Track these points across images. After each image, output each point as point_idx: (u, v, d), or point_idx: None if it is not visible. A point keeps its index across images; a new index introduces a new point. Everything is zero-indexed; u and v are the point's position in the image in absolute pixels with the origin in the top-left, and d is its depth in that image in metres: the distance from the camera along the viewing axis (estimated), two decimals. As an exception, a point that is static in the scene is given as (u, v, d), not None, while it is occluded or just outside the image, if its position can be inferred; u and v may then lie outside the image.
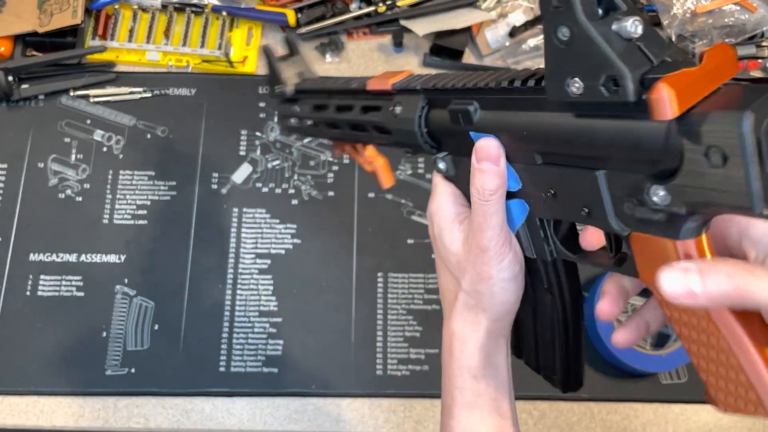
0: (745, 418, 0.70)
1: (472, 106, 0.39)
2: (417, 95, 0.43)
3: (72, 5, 0.81)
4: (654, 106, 0.27)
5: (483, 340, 0.41)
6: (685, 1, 0.84)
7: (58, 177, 0.79)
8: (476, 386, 0.41)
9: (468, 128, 0.39)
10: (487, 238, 0.39)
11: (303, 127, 0.58)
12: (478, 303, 0.41)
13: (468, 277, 0.41)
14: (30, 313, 0.73)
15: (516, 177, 0.39)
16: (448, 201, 0.42)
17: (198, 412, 0.70)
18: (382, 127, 0.46)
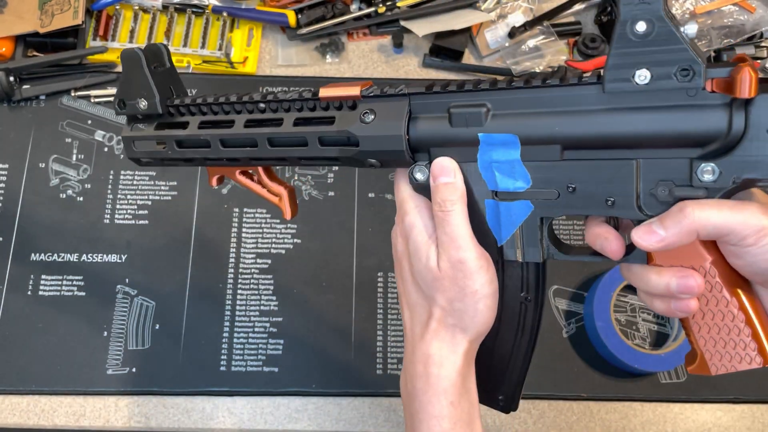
0: (743, 417, 0.71)
1: (484, 108, 0.39)
2: (401, 100, 0.42)
3: (73, 6, 0.82)
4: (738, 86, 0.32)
5: (460, 362, 0.41)
6: (685, 2, 0.84)
7: (59, 177, 0.79)
8: (453, 413, 0.40)
9: (476, 130, 0.39)
10: (461, 248, 0.39)
11: (168, 153, 0.50)
12: (458, 322, 0.40)
13: (447, 294, 0.40)
14: (31, 313, 0.73)
15: (527, 176, 0.39)
16: (423, 216, 0.42)
17: (199, 411, 0.70)
18: (345, 138, 0.43)
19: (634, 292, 0.75)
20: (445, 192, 0.40)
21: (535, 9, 0.89)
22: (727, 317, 0.38)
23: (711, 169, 0.34)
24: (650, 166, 0.36)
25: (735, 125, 0.33)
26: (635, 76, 0.35)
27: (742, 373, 0.71)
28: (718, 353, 0.38)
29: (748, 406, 0.71)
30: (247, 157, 0.47)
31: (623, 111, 0.36)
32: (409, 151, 0.42)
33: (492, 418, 0.70)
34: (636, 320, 0.74)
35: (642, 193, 0.37)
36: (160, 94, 0.49)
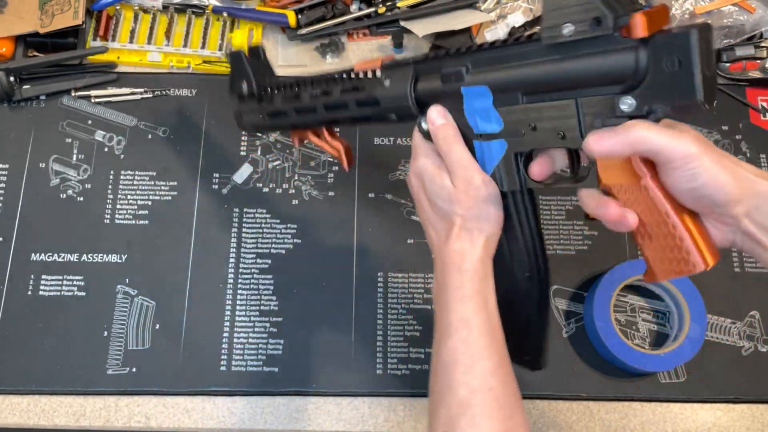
0: (743, 417, 0.71)
1: (464, 68, 0.50)
2: (407, 67, 0.54)
3: (73, 6, 0.82)
4: (633, 29, 0.40)
5: (480, 252, 0.49)
6: (684, 2, 0.84)
7: (59, 177, 0.79)
8: (472, 285, 0.49)
9: (459, 85, 0.50)
10: (468, 168, 0.50)
11: (264, 122, 0.66)
12: (476, 224, 0.50)
13: (464, 204, 0.50)
14: (31, 313, 0.73)
15: (499, 120, 0.49)
16: (430, 155, 0.53)
17: (199, 411, 0.70)
18: (372, 99, 0.55)
19: (634, 292, 0.75)
20: (443, 130, 0.51)
21: (535, 9, 0.89)
22: (668, 227, 0.44)
23: (628, 102, 0.42)
24: (586, 103, 0.44)
25: (641, 62, 0.41)
26: (562, 29, 0.43)
27: (742, 373, 0.71)
28: (664, 260, 0.45)
29: (747, 406, 0.71)
30: (311, 120, 0.62)
31: (558, 60, 0.45)
32: (415, 105, 0.53)
33: (492, 418, 0.70)
34: (636, 320, 0.74)
35: (583, 125, 0.45)
36: (256, 80, 0.65)
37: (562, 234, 0.77)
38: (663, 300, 0.74)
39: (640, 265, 0.73)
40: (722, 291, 0.75)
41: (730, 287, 0.76)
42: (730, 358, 0.73)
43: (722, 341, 0.73)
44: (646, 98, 0.41)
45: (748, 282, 0.76)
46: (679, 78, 0.40)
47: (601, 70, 0.43)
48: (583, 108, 0.45)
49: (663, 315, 0.74)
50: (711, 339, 0.73)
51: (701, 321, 0.70)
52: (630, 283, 0.73)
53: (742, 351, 0.73)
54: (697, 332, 0.70)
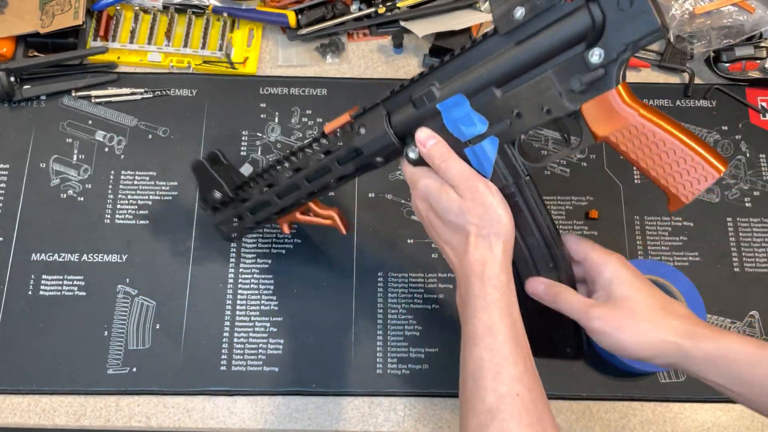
0: (742, 417, 0.71)
1: (433, 86, 0.51)
2: (376, 108, 0.55)
3: (73, 6, 0.82)
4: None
5: (500, 257, 0.50)
6: (684, 2, 0.84)
7: (59, 177, 0.79)
8: (495, 293, 0.49)
9: (434, 103, 0.51)
10: (471, 177, 0.50)
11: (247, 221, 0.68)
12: (491, 229, 0.50)
13: (475, 212, 0.50)
14: (32, 313, 0.73)
15: (483, 119, 0.50)
16: (429, 177, 0.53)
17: (199, 411, 0.70)
18: (353, 151, 0.57)
19: (633, 292, 0.75)
20: (437, 148, 0.52)
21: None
22: (671, 153, 0.47)
23: (597, 53, 0.44)
24: (559, 71, 0.47)
25: (595, 15, 0.44)
26: (514, 15, 0.46)
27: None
28: (681, 184, 0.47)
29: (747, 405, 0.71)
30: (296, 199, 0.63)
31: (520, 43, 0.47)
32: (397, 140, 0.54)
33: (492, 418, 0.70)
34: (635, 320, 0.74)
35: (563, 92, 0.47)
36: (227, 183, 0.66)
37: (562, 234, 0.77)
38: (663, 300, 0.74)
39: (640, 265, 0.73)
40: (722, 291, 0.75)
41: (730, 287, 0.76)
42: (729, 358, 0.73)
43: (722, 341, 0.73)
44: (611, 43, 0.44)
45: (748, 282, 0.76)
46: (634, 13, 0.43)
47: (562, 38, 0.45)
48: (556, 77, 0.47)
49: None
50: (711, 339, 0.73)
51: (701, 321, 0.70)
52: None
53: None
54: (696, 332, 0.70)
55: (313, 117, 0.83)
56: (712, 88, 0.84)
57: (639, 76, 0.86)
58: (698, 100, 0.84)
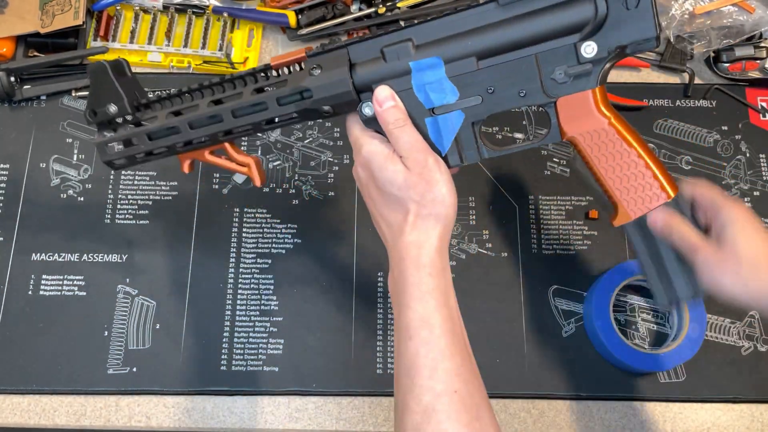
0: (742, 417, 0.71)
1: (409, 42, 0.48)
2: (339, 50, 0.50)
3: (74, 6, 0.82)
4: None
5: (436, 243, 0.48)
6: (684, 2, 0.84)
7: (60, 177, 0.79)
8: (431, 281, 0.47)
9: (407, 60, 0.48)
10: (421, 150, 0.48)
11: (141, 148, 0.57)
12: (431, 210, 0.48)
13: (418, 189, 0.48)
14: (32, 313, 0.73)
15: (454, 90, 0.48)
16: (376, 143, 0.50)
17: (199, 410, 0.70)
18: (300, 91, 0.50)
19: (633, 292, 0.75)
20: (394, 113, 0.48)
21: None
22: (631, 167, 0.47)
23: (591, 46, 0.44)
24: (546, 56, 0.45)
25: (599, 8, 0.43)
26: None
27: (741, 373, 0.71)
28: (632, 199, 0.47)
29: (747, 405, 0.71)
30: (214, 133, 0.54)
31: (516, 18, 0.45)
32: (356, 92, 0.50)
33: (492, 418, 0.70)
34: (635, 320, 0.74)
35: (544, 79, 0.46)
36: (128, 97, 0.56)
37: (562, 234, 0.78)
38: (663, 300, 0.74)
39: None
40: (722, 291, 0.75)
41: (730, 287, 0.76)
42: (729, 358, 0.73)
43: (722, 341, 0.74)
44: (607, 40, 0.43)
45: (747, 282, 0.76)
46: (637, 15, 0.42)
47: (561, 22, 0.44)
48: (542, 62, 0.46)
49: (663, 315, 0.74)
50: (711, 339, 0.73)
51: (701, 321, 0.71)
52: (630, 283, 0.73)
53: (741, 351, 0.73)
54: (696, 332, 0.70)
55: (313, 117, 0.83)
56: (712, 88, 0.84)
57: (639, 76, 0.86)
58: (698, 100, 0.84)
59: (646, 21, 0.42)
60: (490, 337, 0.73)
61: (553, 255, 0.77)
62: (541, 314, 0.74)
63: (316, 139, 0.82)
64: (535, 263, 0.76)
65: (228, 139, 0.56)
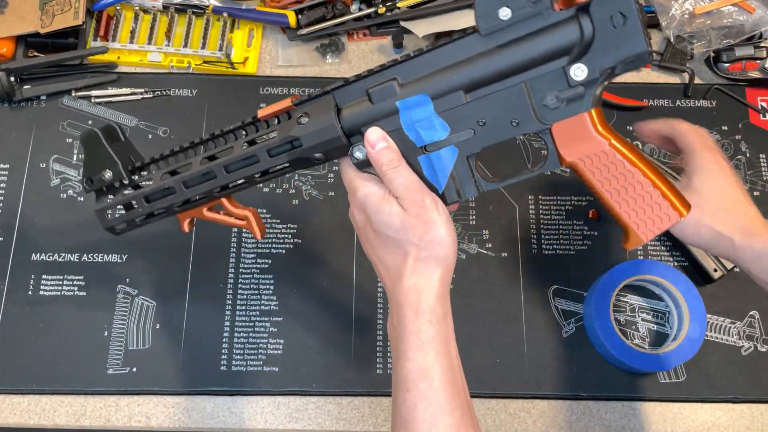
0: (742, 417, 0.71)
1: (395, 81, 0.47)
2: (325, 96, 0.49)
3: (73, 6, 0.82)
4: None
5: (437, 287, 0.47)
6: (684, 2, 0.84)
7: (59, 177, 0.79)
8: (431, 329, 0.46)
9: (393, 100, 0.47)
10: (417, 190, 0.46)
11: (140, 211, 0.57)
12: (430, 252, 0.46)
13: (416, 230, 0.46)
14: (32, 313, 0.73)
15: (444, 125, 0.47)
16: (371, 185, 0.49)
17: (199, 410, 0.70)
18: (289, 141, 0.50)
19: (633, 292, 0.75)
20: (386, 155, 0.47)
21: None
22: (637, 188, 0.45)
23: (581, 68, 0.42)
24: (535, 83, 0.44)
25: (585, 29, 0.42)
26: (499, 14, 0.43)
27: (741, 373, 0.71)
28: (642, 221, 0.46)
29: (747, 405, 0.71)
30: (209, 190, 0.54)
31: (500, 47, 0.44)
32: (345, 136, 0.49)
33: (492, 418, 0.70)
34: (635, 320, 0.74)
35: (536, 106, 0.44)
36: (122, 162, 0.56)
37: (562, 234, 0.78)
38: (663, 300, 0.74)
39: (640, 264, 0.73)
40: (722, 291, 0.75)
41: (730, 287, 0.76)
42: (729, 358, 0.73)
43: (722, 341, 0.74)
44: (597, 61, 0.42)
45: (748, 282, 0.76)
46: (626, 32, 0.41)
47: (547, 48, 0.43)
48: (532, 89, 0.44)
49: (663, 315, 0.74)
50: (711, 339, 0.73)
51: (701, 321, 0.70)
52: (630, 283, 0.73)
53: (741, 351, 0.73)
54: (696, 332, 0.70)
55: (313, 117, 0.83)
56: (712, 88, 0.84)
57: (639, 76, 0.86)
58: (698, 100, 0.84)
59: (635, 37, 0.41)
60: (490, 337, 0.73)
61: (553, 255, 0.77)
62: (541, 314, 0.74)
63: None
64: (535, 263, 0.76)
65: (224, 195, 0.56)
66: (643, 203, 0.45)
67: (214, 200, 0.56)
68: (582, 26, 0.42)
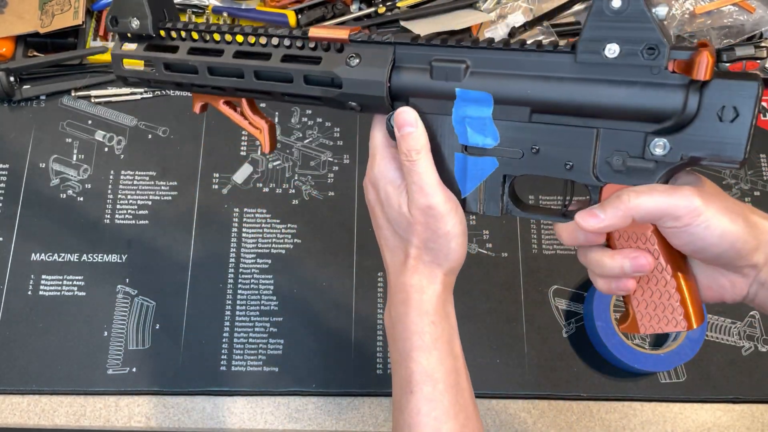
0: (743, 417, 0.71)
1: (464, 64, 0.42)
2: (386, 48, 0.44)
3: (73, 6, 0.82)
4: (696, 68, 0.35)
5: (439, 289, 0.45)
6: (684, 2, 0.84)
7: (59, 177, 0.79)
8: (434, 330, 0.44)
9: (454, 85, 0.42)
10: (428, 195, 0.42)
11: (155, 74, 0.51)
12: (433, 259, 0.44)
13: (421, 236, 0.43)
14: (31, 313, 0.73)
15: (496, 134, 0.42)
16: (390, 166, 0.45)
17: (199, 411, 0.70)
18: (330, 79, 0.45)
19: (633, 292, 0.75)
20: (409, 142, 0.42)
21: (535, 9, 0.89)
22: (661, 283, 0.41)
23: (663, 144, 0.38)
24: (609, 135, 0.39)
25: (689, 105, 0.37)
26: (605, 49, 0.38)
27: (742, 373, 0.71)
28: (648, 315, 0.42)
29: (747, 406, 0.71)
30: (233, 88, 0.49)
31: (591, 81, 0.38)
32: (389, 99, 0.44)
33: (492, 418, 0.70)
34: (636, 320, 0.74)
35: (599, 160, 0.40)
36: (153, 15, 0.50)
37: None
38: (663, 300, 0.74)
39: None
40: (722, 291, 0.75)
41: (730, 287, 0.76)
42: (730, 358, 0.73)
43: (722, 341, 0.73)
44: (683, 144, 0.37)
45: (748, 282, 0.76)
46: (729, 131, 0.36)
47: (641, 104, 0.37)
48: (603, 140, 0.39)
49: (663, 315, 0.74)
50: (711, 339, 0.73)
51: (701, 321, 0.70)
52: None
53: (742, 351, 0.73)
54: (697, 332, 0.70)
55: (312, 117, 0.83)
56: (712, 88, 0.84)
57: (639, 75, 0.86)
58: (698, 100, 0.84)
59: (736, 141, 0.36)
60: (490, 337, 0.73)
61: (553, 255, 0.77)
62: (541, 314, 0.74)
63: (316, 139, 0.82)
64: (535, 263, 0.76)
65: (245, 96, 0.51)
66: (659, 299, 0.42)
67: (234, 97, 0.52)
68: (687, 101, 0.37)
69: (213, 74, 0.49)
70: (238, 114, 0.53)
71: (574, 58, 0.39)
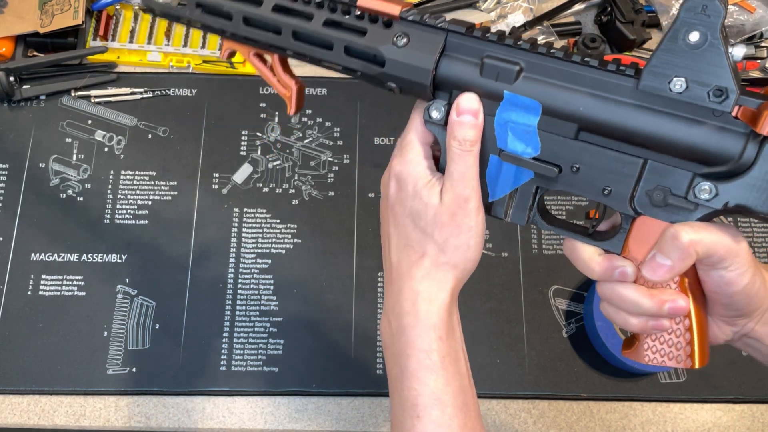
0: (743, 417, 0.71)
1: (518, 66, 0.39)
2: (438, 33, 0.41)
3: (73, 6, 0.82)
4: (762, 122, 0.34)
5: (447, 300, 0.42)
6: (684, 2, 0.84)
7: (59, 177, 0.79)
8: (442, 347, 0.42)
9: (504, 87, 0.40)
10: (470, 187, 0.41)
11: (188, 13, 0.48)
12: (450, 258, 0.42)
13: (445, 230, 0.41)
14: (31, 313, 0.73)
15: (538, 145, 0.40)
16: (423, 164, 0.42)
17: (199, 411, 0.70)
18: (373, 55, 0.42)
19: (634, 292, 0.75)
20: (469, 131, 0.40)
21: (535, 9, 0.89)
22: (676, 319, 0.40)
23: (708, 189, 0.36)
24: (656, 169, 0.38)
25: (746, 156, 0.35)
26: (672, 82, 0.36)
27: (742, 373, 0.71)
28: (655, 347, 0.41)
29: (748, 406, 0.71)
30: (267, 43, 0.46)
31: (651, 111, 0.37)
32: (432, 87, 0.41)
33: (492, 418, 0.70)
34: (636, 320, 0.74)
35: (639, 191, 0.38)
36: None
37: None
38: (663, 300, 0.74)
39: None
40: (722, 291, 0.75)
41: (730, 287, 0.76)
42: (730, 358, 0.73)
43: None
44: (731, 193, 0.36)
45: (748, 282, 0.76)
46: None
47: (698, 144, 0.36)
48: (648, 173, 0.38)
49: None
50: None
51: (701, 321, 0.70)
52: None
53: (742, 351, 0.73)
54: (697, 332, 0.70)
55: (313, 117, 0.83)
56: (712, 88, 0.84)
57: (639, 75, 0.86)
58: (698, 100, 0.84)
59: None
60: (490, 337, 0.73)
61: (554, 255, 0.77)
62: (541, 314, 0.74)
63: (316, 139, 0.82)
64: (535, 263, 0.76)
65: (278, 53, 0.47)
66: (669, 334, 0.41)
67: (266, 51, 0.48)
68: (745, 151, 0.35)
69: (248, 25, 0.46)
70: (267, 69, 0.50)
71: (637, 84, 0.37)
